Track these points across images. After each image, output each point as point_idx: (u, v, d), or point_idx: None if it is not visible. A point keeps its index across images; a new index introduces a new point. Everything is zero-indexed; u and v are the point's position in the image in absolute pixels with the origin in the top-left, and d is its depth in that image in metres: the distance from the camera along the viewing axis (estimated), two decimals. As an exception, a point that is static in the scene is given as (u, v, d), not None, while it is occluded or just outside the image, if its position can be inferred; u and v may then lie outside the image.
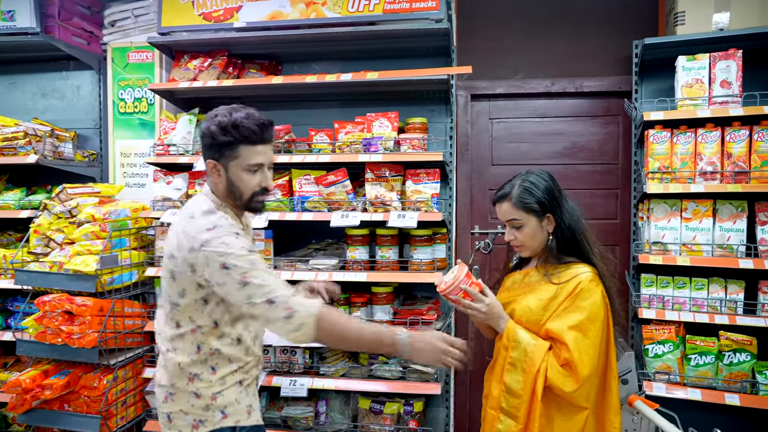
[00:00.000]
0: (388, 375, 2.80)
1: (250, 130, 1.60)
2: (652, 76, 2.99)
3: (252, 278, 1.53)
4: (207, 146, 1.65)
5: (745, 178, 2.52)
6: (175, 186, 3.00)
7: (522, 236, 1.80)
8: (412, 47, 3.05)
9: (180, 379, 1.66)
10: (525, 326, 1.78)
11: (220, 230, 1.57)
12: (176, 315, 1.65)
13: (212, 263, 1.54)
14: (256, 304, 1.53)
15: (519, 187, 1.78)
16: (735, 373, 2.51)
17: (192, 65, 3.03)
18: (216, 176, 1.67)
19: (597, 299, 1.72)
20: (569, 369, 1.67)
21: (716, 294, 2.60)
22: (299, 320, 1.52)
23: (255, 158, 1.64)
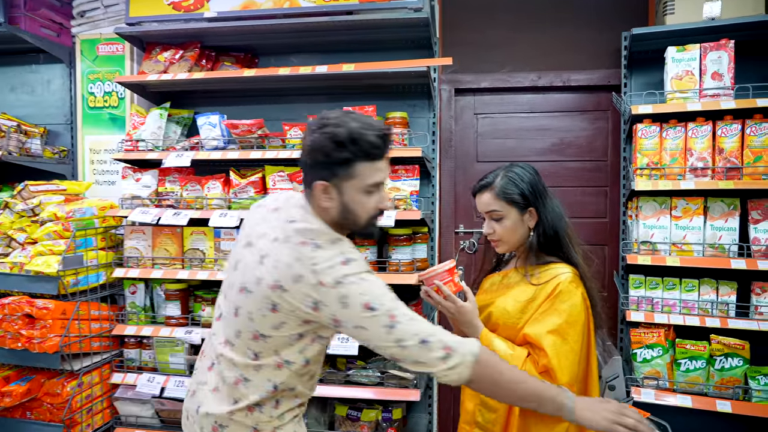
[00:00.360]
0: (366, 381, 2.68)
1: (372, 144, 1.35)
2: (642, 69, 2.87)
3: (399, 318, 1.34)
4: (316, 164, 1.37)
5: (738, 175, 2.40)
6: (144, 183, 2.87)
7: (501, 230, 1.69)
8: (392, 39, 2.93)
9: (241, 411, 1.44)
10: (502, 330, 1.68)
11: (357, 265, 1.36)
12: (257, 346, 1.41)
13: (352, 303, 1.32)
14: (407, 346, 1.33)
15: (503, 177, 1.68)
16: (727, 379, 2.39)
17: (163, 57, 2.91)
18: (326, 200, 1.39)
19: (577, 301, 1.61)
20: (548, 376, 1.56)
21: (707, 296, 2.48)
22: (457, 359, 1.35)
23: (376, 176, 1.39)
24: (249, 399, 1.43)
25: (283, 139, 2.76)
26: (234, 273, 1.49)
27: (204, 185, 2.82)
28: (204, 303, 2.84)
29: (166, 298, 2.86)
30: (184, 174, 2.89)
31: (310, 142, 1.37)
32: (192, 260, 2.82)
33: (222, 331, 1.49)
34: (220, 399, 1.45)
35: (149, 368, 2.88)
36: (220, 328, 1.51)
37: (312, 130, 1.37)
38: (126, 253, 2.88)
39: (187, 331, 2.76)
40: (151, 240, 2.86)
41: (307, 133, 1.40)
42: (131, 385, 2.82)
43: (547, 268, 1.68)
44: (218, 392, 1.46)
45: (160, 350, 2.82)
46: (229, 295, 1.49)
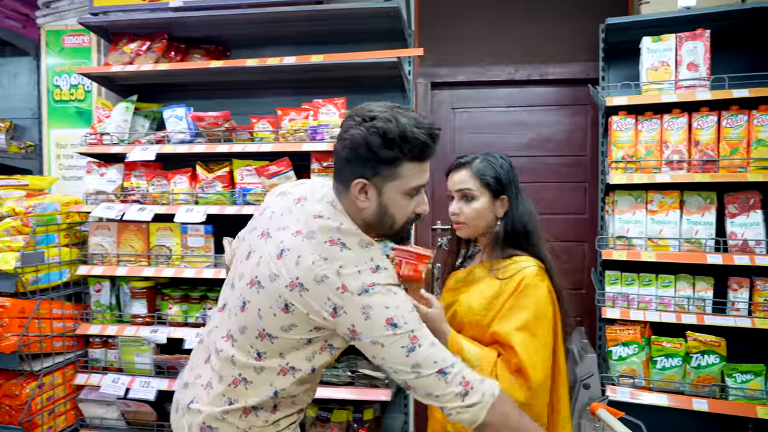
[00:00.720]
0: (336, 380, 2.60)
1: (422, 143, 1.24)
2: (620, 61, 2.80)
3: (421, 341, 1.23)
4: (357, 160, 1.26)
5: (714, 167, 2.34)
6: (108, 178, 2.79)
7: (469, 211, 1.62)
8: (365, 30, 2.86)
9: (235, 411, 1.34)
10: (468, 329, 1.61)
11: (387, 275, 1.26)
12: (262, 346, 1.31)
13: (375, 315, 1.21)
14: (423, 375, 1.23)
15: (482, 160, 1.64)
16: (703, 377, 2.33)
17: (129, 49, 2.82)
18: (362, 199, 1.28)
19: (542, 295, 1.55)
20: (521, 375, 1.49)
21: (684, 292, 2.42)
22: (476, 398, 1.24)
23: (421, 179, 1.29)
24: (247, 402, 1.33)
25: (250, 132, 2.68)
26: (245, 263, 1.37)
27: (170, 180, 2.74)
28: (171, 301, 2.76)
29: (132, 296, 2.78)
30: (151, 168, 2.81)
31: (351, 135, 1.24)
32: (158, 257, 2.74)
33: (225, 324, 1.38)
34: (215, 397, 1.35)
35: (115, 368, 2.79)
36: (223, 321, 1.40)
37: (356, 122, 1.25)
38: (91, 250, 2.79)
39: (152, 330, 2.68)
40: (117, 236, 2.78)
41: (347, 124, 1.27)
42: (96, 386, 2.73)
43: (511, 262, 1.62)
44: (211, 389, 1.36)
45: (126, 350, 2.74)
46: (238, 287, 1.37)
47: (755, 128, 2.29)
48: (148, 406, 2.71)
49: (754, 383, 2.28)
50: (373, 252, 1.28)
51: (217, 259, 2.71)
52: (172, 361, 2.68)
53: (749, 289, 2.34)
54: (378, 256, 1.28)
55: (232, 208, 2.62)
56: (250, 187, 2.65)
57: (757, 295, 2.32)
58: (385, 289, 1.23)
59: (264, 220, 1.40)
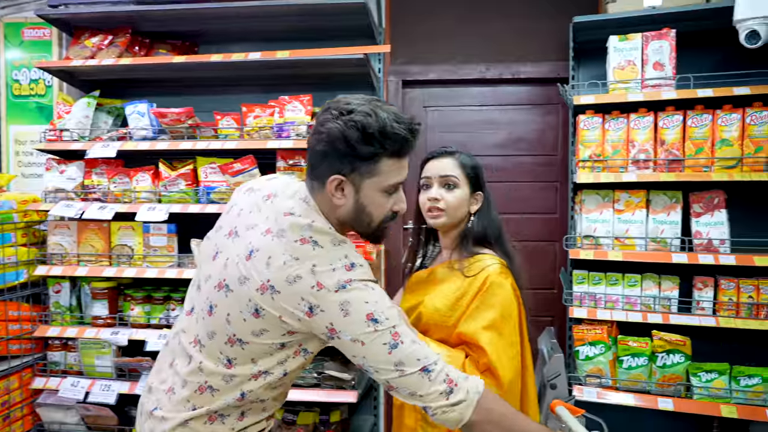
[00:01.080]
0: (302, 382, 2.55)
1: (402, 138, 1.19)
2: (590, 60, 2.80)
3: (403, 338, 1.18)
4: (334, 155, 1.20)
5: (679, 167, 2.35)
6: (68, 176, 2.71)
7: (451, 198, 1.58)
8: (334, 27, 2.81)
9: (199, 418, 1.26)
10: (434, 331, 1.58)
11: (363, 272, 1.20)
12: (233, 352, 1.23)
13: (354, 311, 1.16)
14: (406, 373, 1.17)
15: (462, 153, 1.63)
16: (669, 376, 2.33)
17: (90, 43, 2.75)
18: (338, 197, 1.23)
19: (508, 293, 1.53)
20: (490, 375, 1.46)
21: (650, 291, 2.42)
22: (461, 395, 1.19)
23: (400, 176, 1.24)
24: (211, 407, 1.25)
25: (215, 129, 2.62)
26: (212, 264, 1.30)
27: (132, 178, 2.67)
28: (134, 302, 2.69)
29: (93, 297, 2.70)
30: (112, 166, 2.73)
31: (328, 129, 1.18)
32: (120, 257, 2.67)
33: (192, 329, 1.30)
34: (177, 403, 1.27)
35: (75, 372, 2.71)
36: (190, 325, 1.31)
37: (333, 115, 1.19)
38: (50, 250, 2.70)
39: (113, 332, 2.61)
40: (77, 236, 2.70)
41: (324, 117, 1.21)
42: (54, 390, 2.65)
43: (475, 260, 1.59)
44: (173, 394, 1.28)
45: (86, 352, 2.66)
46: (204, 289, 1.29)
47: (719, 128, 2.30)
48: (109, 410, 2.64)
49: (718, 382, 2.28)
50: (347, 249, 1.23)
51: (180, 258, 2.64)
52: (134, 364, 2.61)
53: (714, 288, 2.35)
54: (352, 253, 1.23)
55: (196, 206, 2.56)
56: (215, 185, 2.60)
57: (722, 294, 2.32)
58: (363, 285, 1.18)
59: (231, 218, 1.34)
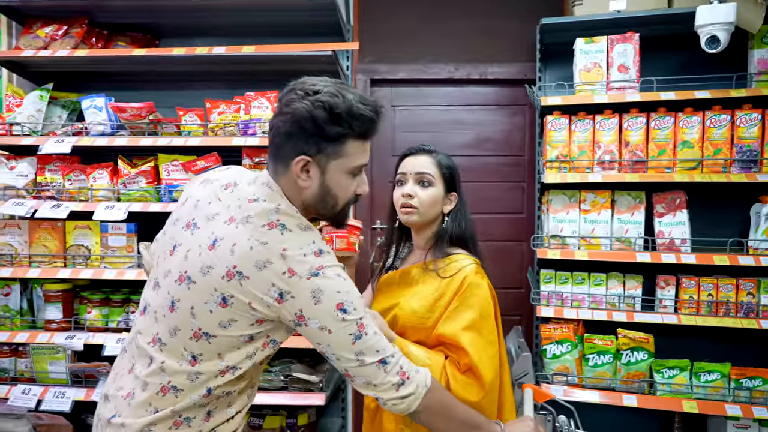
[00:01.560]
0: (268, 385, 2.50)
1: (368, 119, 1.19)
2: (556, 62, 2.83)
3: (367, 330, 1.19)
4: (300, 136, 1.18)
5: (643, 168, 2.40)
6: (19, 172, 2.57)
7: (425, 196, 1.58)
8: (302, 23, 2.76)
9: (164, 422, 1.21)
10: (411, 333, 1.56)
11: (331, 259, 1.19)
12: (198, 347, 1.19)
13: (326, 300, 1.15)
14: (366, 363, 1.18)
15: (443, 153, 1.65)
16: (633, 373, 2.38)
17: (43, 33, 2.61)
18: (303, 179, 1.21)
19: (486, 293, 1.54)
20: (472, 375, 1.47)
21: (615, 290, 2.46)
22: (410, 389, 1.22)
23: (363, 158, 1.24)
24: (175, 407, 1.20)
25: (177, 126, 2.53)
26: (171, 259, 1.25)
27: (89, 175, 2.55)
28: (90, 305, 2.57)
29: (46, 300, 2.57)
30: (67, 162, 2.61)
31: (294, 109, 1.16)
32: (75, 257, 2.55)
33: (150, 329, 1.25)
34: (137, 407, 1.21)
35: (26, 379, 2.57)
36: (147, 325, 1.26)
37: (299, 96, 1.16)
38: (-1, 250, 2.56)
39: (68, 337, 2.49)
40: (28, 235, 2.56)
41: (289, 98, 1.18)
42: (4, 398, 2.51)
43: (450, 261, 1.59)
44: (133, 398, 1.22)
45: (38, 358, 2.53)
46: (164, 285, 1.25)
47: (681, 130, 2.36)
48: (63, 418, 2.52)
49: (679, 378, 2.34)
50: (314, 235, 1.21)
51: (140, 259, 2.54)
52: (91, 369, 2.50)
53: (675, 286, 2.41)
54: (319, 239, 1.21)
55: (157, 205, 2.46)
56: (177, 183, 2.51)
57: (683, 292, 2.39)
58: (334, 273, 1.17)
59: (188, 210, 1.28)
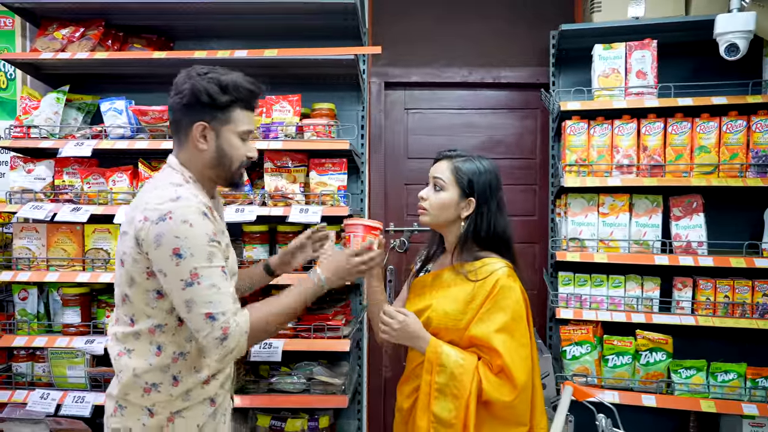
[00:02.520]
0: (291, 388, 2.51)
1: (250, 91, 1.43)
2: (570, 67, 2.87)
3: (201, 280, 1.30)
4: (196, 106, 1.40)
5: (660, 172, 2.44)
6: (36, 175, 2.55)
7: (435, 199, 1.66)
8: (319, 26, 2.76)
9: (134, 389, 1.40)
10: (444, 334, 1.60)
11: (186, 204, 1.32)
12: (129, 309, 1.41)
13: (164, 244, 1.29)
14: (193, 313, 1.31)
15: (466, 159, 1.67)
16: (651, 373, 2.42)
17: (60, 35, 2.59)
18: (201, 143, 1.42)
19: (518, 296, 1.58)
20: (504, 376, 1.52)
21: (633, 292, 2.51)
22: (231, 343, 1.33)
23: (249, 124, 1.47)
24: (136, 371, 1.38)
25: (199, 129, 2.52)
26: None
27: (108, 178, 2.54)
28: (109, 309, 2.56)
29: (63, 304, 2.55)
30: (86, 165, 2.59)
31: (191, 85, 1.39)
32: (94, 261, 2.53)
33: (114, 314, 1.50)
34: (115, 378, 1.44)
35: (44, 383, 2.55)
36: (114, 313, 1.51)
37: (192, 76, 1.40)
38: (15, 254, 2.53)
39: (88, 341, 2.47)
40: (46, 239, 2.54)
41: (183, 79, 1.42)
42: (21, 403, 2.48)
43: (482, 264, 1.62)
44: (115, 375, 1.45)
45: (57, 363, 2.51)
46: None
47: (698, 135, 2.41)
48: (82, 422, 2.50)
49: (696, 378, 2.39)
50: (182, 189, 1.37)
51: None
52: (111, 374, 2.47)
53: (692, 288, 2.46)
54: (184, 190, 1.36)
55: (179, 208, 2.45)
56: (198, 186, 2.50)
57: (700, 293, 2.43)
58: (181, 220, 1.29)
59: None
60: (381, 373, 3.22)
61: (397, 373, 3.19)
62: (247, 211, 2.41)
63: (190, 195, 1.36)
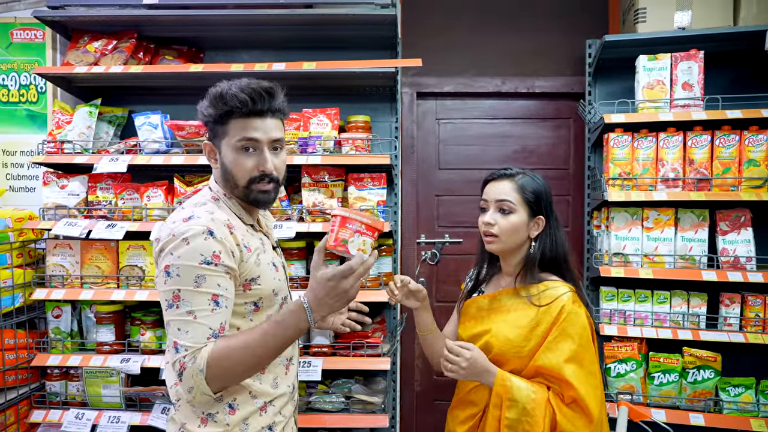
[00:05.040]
0: (330, 407, 2.46)
1: (238, 98, 1.30)
2: (606, 77, 2.82)
3: (182, 302, 1.23)
4: (206, 125, 1.39)
5: (707, 186, 2.39)
6: (70, 191, 2.50)
7: (506, 224, 1.56)
8: (352, 36, 2.72)
9: (190, 419, 1.32)
10: (504, 362, 1.53)
11: (194, 223, 1.26)
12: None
13: (161, 260, 1.26)
14: (169, 335, 1.25)
15: (525, 175, 1.60)
16: (699, 391, 2.37)
17: (92, 47, 2.55)
18: (213, 161, 1.40)
19: (584, 322, 1.52)
20: (578, 408, 1.46)
21: (679, 308, 2.46)
22: (188, 381, 1.23)
23: (245, 132, 1.32)
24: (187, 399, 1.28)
25: (235, 143, 2.48)
26: None
27: (143, 194, 2.49)
28: (143, 326, 2.51)
29: (97, 321, 2.51)
30: (119, 181, 2.54)
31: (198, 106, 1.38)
32: (129, 278, 2.49)
33: None
34: (174, 409, 1.37)
35: (77, 403, 2.51)
36: None
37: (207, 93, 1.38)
38: (49, 271, 2.49)
39: (123, 360, 2.42)
40: (80, 256, 2.50)
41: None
42: (55, 423, 2.45)
43: (545, 288, 1.56)
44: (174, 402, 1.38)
45: (91, 381, 2.47)
46: None
47: (746, 148, 2.36)
48: (117, 443, 2.46)
49: (745, 396, 2.34)
50: (198, 209, 1.31)
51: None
52: (146, 393, 2.44)
53: (741, 304, 2.41)
54: (202, 210, 1.30)
55: (215, 224, 2.41)
56: (235, 202, 2.45)
57: (749, 310, 2.38)
58: (182, 238, 1.23)
59: None
60: (413, 388, 3.18)
61: (427, 387, 3.16)
62: (285, 227, 2.36)
63: (204, 213, 1.29)
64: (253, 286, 1.33)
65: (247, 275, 1.32)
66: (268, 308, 1.39)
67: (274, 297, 1.40)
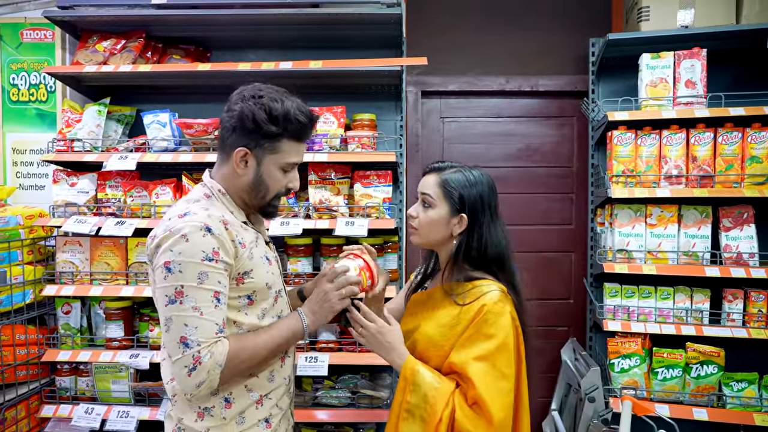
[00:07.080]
0: (336, 402, 2.49)
1: (302, 124, 1.37)
2: (609, 75, 2.84)
3: (186, 298, 1.23)
4: (242, 130, 1.35)
5: (710, 183, 2.41)
6: (80, 189, 2.54)
7: (424, 217, 1.51)
8: (358, 36, 2.74)
9: (187, 413, 1.35)
10: (426, 359, 1.47)
11: (191, 219, 1.27)
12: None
13: (160, 255, 1.26)
14: (170, 331, 1.25)
15: (456, 171, 1.51)
16: (702, 386, 2.39)
17: (101, 47, 2.58)
18: (242, 167, 1.38)
19: (506, 322, 1.41)
20: (478, 409, 1.36)
21: (682, 303, 2.48)
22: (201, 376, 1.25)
23: (296, 156, 1.41)
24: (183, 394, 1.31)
25: (243, 141, 2.51)
26: None
27: (152, 191, 2.52)
28: (152, 322, 2.54)
29: (106, 317, 2.54)
30: (128, 179, 2.58)
31: (240, 108, 1.34)
32: (138, 275, 2.52)
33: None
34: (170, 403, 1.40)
35: (87, 398, 2.54)
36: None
37: (245, 98, 1.36)
38: (59, 268, 2.53)
39: (132, 355, 2.46)
40: (89, 252, 2.53)
41: (236, 98, 1.37)
42: (65, 417, 2.48)
43: (473, 286, 1.48)
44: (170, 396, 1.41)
45: (101, 377, 2.50)
46: None
47: (749, 145, 2.38)
48: (126, 437, 2.49)
49: (748, 391, 2.36)
50: (194, 205, 1.32)
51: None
52: (156, 388, 2.47)
53: (744, 300, 2.43)
54: (196, 206, 1.32)
55: (223, 221, 2.44)
56: (243, 199, 2.48)
57: (751, 306, 2.40)
58: (180, 234, 1.24)
59: None
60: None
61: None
62: (293, 224, 2.39)
63: (200, 210, 1.30)
64: (246, 279, 1.35)
65: (240, 269, 1.34)
66: (263, 301, 1.40)
67: (268, 290, 1.42)
